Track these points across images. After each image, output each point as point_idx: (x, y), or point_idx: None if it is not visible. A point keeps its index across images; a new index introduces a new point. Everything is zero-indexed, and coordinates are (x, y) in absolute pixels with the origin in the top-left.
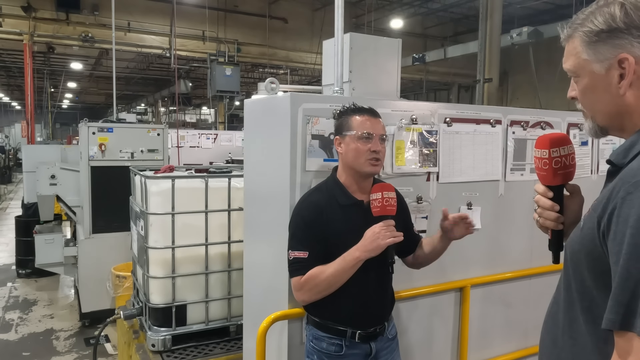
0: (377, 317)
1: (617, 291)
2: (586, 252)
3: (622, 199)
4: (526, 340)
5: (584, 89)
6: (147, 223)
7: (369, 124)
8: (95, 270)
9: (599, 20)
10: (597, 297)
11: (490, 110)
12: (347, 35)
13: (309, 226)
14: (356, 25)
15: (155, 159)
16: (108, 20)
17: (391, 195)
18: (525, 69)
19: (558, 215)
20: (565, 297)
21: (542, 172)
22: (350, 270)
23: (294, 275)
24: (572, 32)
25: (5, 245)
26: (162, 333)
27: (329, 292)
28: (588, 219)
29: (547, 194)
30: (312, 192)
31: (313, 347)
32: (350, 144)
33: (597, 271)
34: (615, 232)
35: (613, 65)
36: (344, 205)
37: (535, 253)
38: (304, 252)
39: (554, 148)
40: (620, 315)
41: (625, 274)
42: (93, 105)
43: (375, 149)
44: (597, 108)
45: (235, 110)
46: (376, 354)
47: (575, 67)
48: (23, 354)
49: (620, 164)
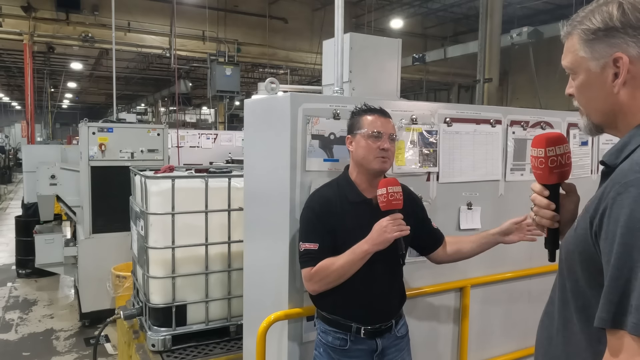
0: (382, 313)
1: (608, 290)
2: (580, 252)
3: (612, 200)
4: (526, 340)
5: (580, 86)
6: (147, 223)
7: (379, 123)
8: (95, 270)
9: (597, 19)
10: (590, 296)
11: (490, 110)
12: (347, 35)
13: (320, 219)
14: (356, 25)
15: (155, 159)
16: (108, 20)
17: (396, 190)
18: (525, 69)
19: (554, 213)
20: (560, 296)
21: (539, 171)
22: (359, 262)
23: (304, 267)
24: (571, 30)
25: (5, 245)
26: (162, 333)
27: (338, 282)
28: (581, 219)
29: (543, 192)
30: (323, 187)
31: (320, 340)
32: (361, 142)
33: (591, 271)
34: (606, 232)
35: (608, 63)
36: (353, 202)
37: (535, 253)
38: (314, 243)
39: (550, 147)
40: (612, 313)
41: (616, 273)
42: (93, 105)
43: (384, 146)
44: (592, 105)
45: (235, 110)
46: (382, 350)
47: (572, 64)
48: (23, 354)
49: (613, 165)
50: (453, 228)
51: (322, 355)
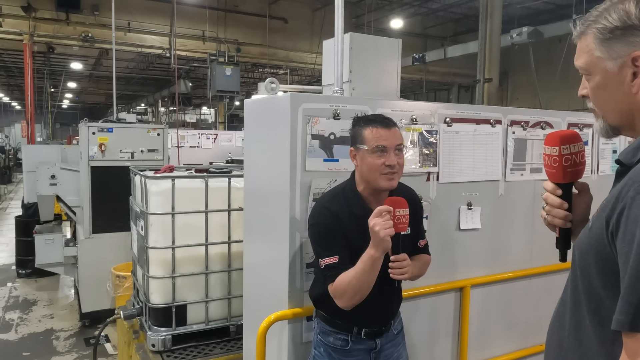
0: (383, 315)
1: (627, 292)
2: (594, 252)
3: (631, 199)
4: (526, 340)
5: (596, 87)
6: (147, 223)
7: (382, 136)
8: (95, 270)
9: (614, 17)
10: (604, 298)
11: (490, 110)
12: (347, 35)
13: (331, 232)
14: (356, 25)
15: (155, 159)
16: (108, 20)
17: (403, 213)
18: (525, 69)
19: (566, 213)
20: (572, 297)
21: (552, 170)
22: (370, 269)
23: (329, 283)
24: (585, 29)
25: (5, 245)
26: (162, 333)
27: (361, 294)
28: (596, 219)
29: (556, 191)
30: (328, 200)
31: (320, 340)
32: (365, 158)
33: (606, 272)
34: (624, 232)
35: (626, 63)
36: (359, 216)
37: (535, 253)
38: (334, 257)
39: (564, 145)
40: (630, 315)
41: (635, 275)
42: (93, 105)
43: (390, 163)
44: (609, 107)
45: (235, 110)
46: (380, 347)
47: (587, 65)
48: (23, 354)
49: (629, 164)
50: (453, 228)
51: (323, 355)
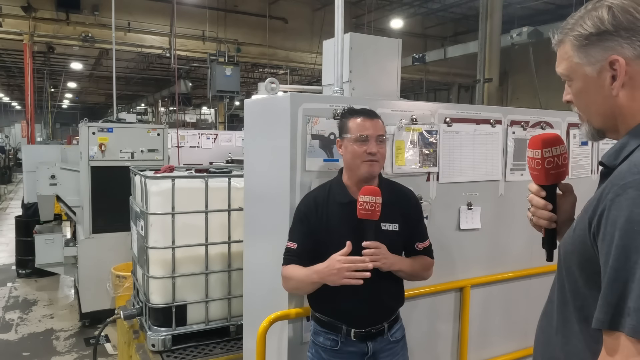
0: (372, 316)
1: (606, 292)
2: (578, 252)
3: (610, 201)
4: (526, 340)
5: (578, 92)
6: (147, 223)
7: (365, 125)
8: (95, 270)
9: (588, 24)
10: (589, 297)
11: (490, 110)
12: (347, 35)
13: (302, 220)
14: (356, 25)
15: (155, 159)
16: (108, 20)
17: (370, 200)
18: (525, 69)
19: (551, 214)
20: (559, 296)
21: (535, 172)
22: (308, 286)
23: (283, 264)
24: (562, 37)
25: (5, 245)
26: (162, 333)
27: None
28: (580, 220)
29: (540, 193)
30: (315, 189)
31: (312, 340)
32: (349, 147)
33: (589, 272)
34: (604, 233)
35: (604, 67)
36: (340, 202)
37: (535, 253)
38: (294, 243)
39: (546, 148)
40: (609, 315)
41: (613, 275)
42: (93, 105)
43: (371, 150)
44: (592, 110)
45: (235, 110)
46: (374, 354)
47: (568, 71)
48: (23, 354)
49: (611, 166)
50: (453, 228)
51: (314, 356)
